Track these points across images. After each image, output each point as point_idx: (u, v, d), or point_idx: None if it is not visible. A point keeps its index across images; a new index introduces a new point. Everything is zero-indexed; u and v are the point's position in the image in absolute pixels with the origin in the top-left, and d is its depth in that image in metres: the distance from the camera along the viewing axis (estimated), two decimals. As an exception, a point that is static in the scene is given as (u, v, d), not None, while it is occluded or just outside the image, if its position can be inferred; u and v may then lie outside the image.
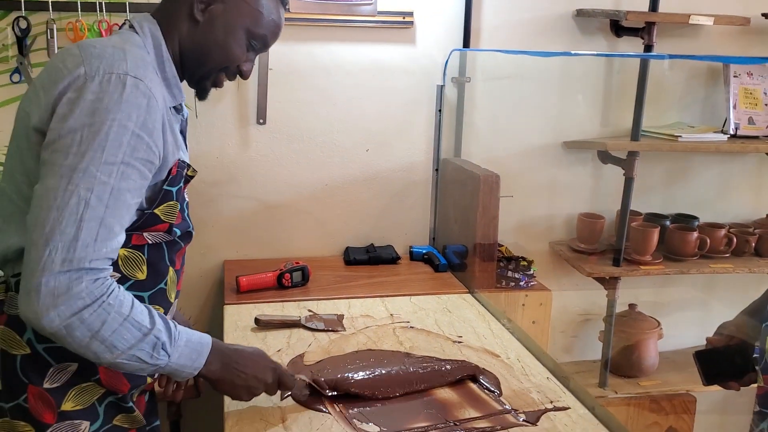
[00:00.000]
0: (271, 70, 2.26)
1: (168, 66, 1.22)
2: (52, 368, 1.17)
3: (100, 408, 1.23)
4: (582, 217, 2.59)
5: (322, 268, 2.28)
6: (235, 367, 1.27)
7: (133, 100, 1.08)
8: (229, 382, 1.27)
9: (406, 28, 2.34)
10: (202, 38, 1.24)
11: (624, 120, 2.54)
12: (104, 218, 1.04)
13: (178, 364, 1.16)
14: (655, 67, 2.47)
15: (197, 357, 1.19)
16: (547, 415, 1.42)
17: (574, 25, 2.49)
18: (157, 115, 1.12)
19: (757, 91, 2.59)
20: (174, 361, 1.15)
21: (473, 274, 2.18)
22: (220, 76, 1.30)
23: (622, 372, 2.57)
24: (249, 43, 1.27)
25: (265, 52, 1.36)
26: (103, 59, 1.10)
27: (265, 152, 2.35)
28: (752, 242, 2.61)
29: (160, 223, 1.22)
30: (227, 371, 1.26)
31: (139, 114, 1.08)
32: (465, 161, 2.40)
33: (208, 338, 1.23)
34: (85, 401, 1.21)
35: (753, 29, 2.56)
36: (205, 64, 1.27)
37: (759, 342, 1.45)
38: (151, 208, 1.19)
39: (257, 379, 1.31)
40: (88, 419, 1.21)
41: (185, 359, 1.17)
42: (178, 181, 1.23)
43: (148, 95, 1.10)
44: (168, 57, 1.23)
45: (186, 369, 1.18)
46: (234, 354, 1.29)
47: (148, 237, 1.22)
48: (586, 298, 2.72)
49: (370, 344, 1.74)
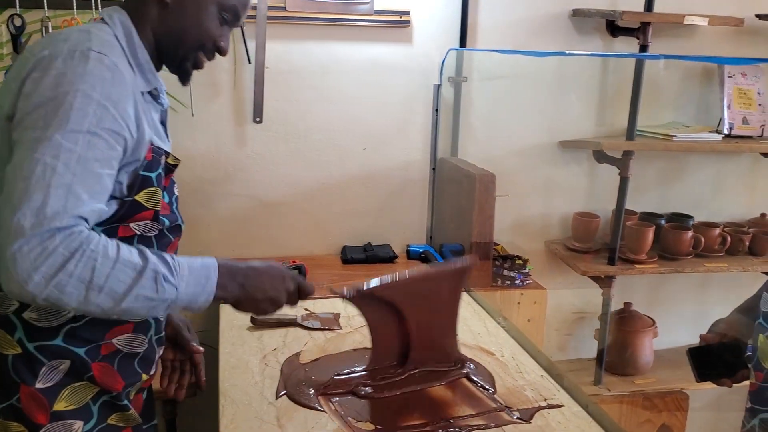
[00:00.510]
0: (267, 69, 2.27)
1: (140, 52, 1.21)
2: (44, 367, 1.16)
3: (94, 407, 1.22)
4: (577, 216, 2.60)
5: (319, 267, 2.29)
6: (253, 284, 1.21)
7: (97, 72, 1.06)
8: (251, 299, 1.22)
9: (403, 28, 2.35)
10: (174, 20, 1.23)
11: (619, 119, 2.55)
12: (72, 185, 1.01)
13: (188, 293, 1.10)
14: (651, 67, 2.48)
15: (206, 282, 1.12)
16: (541, 413, 1.43)
17: (570, 24, 2.50)
18: (124, 90, 1.10)
19: (751, 92, 2.60)
20: (183, 290, 1.09)
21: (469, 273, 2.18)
22: (199, 56, 1.28)
23: (617, 370, 2.59)
24: (221, 17, 1.25)
25: (238, 26, 1.34)
26: (68, 41, 1.09)
27: (261, 151, 2.36)
28: (746, 241, 2.62)
29: (144, 211, 1.19)
30: (245, 289, 1.20)
31: (104, 85, 1.06)
32: (461, 160, 2.40)
33: (212, 260, 1.16)
34: (78, 401, 1.20)
35: (747, 30, 2.57)
36: (181, 46, 1.25)
37: (752, 339, 1.46)
38: (131, 195, 1.16)
39: (278, 289, 1.25)
40: (82, 419, 1.20)
41: (194, 286, 1.11)
42: (156, 167, 1.20)
43: (113, 69, 1.09)
44: (140, 44, 1.21)
45: (200, 297, 1.12)
46: (248, 270, 1.22)
47: (135, 228, 1.19)
48: (581, 296, 2.73)
49: (366, 343, 1.74)
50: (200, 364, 1.46)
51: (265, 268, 1.25)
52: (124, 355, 1.24)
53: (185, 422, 2.34)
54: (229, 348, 1.70)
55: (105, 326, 1.21)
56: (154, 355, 1.33)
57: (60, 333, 1.16)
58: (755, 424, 1.41)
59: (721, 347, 1.53)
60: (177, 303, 1.09)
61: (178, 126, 2.22)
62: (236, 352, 1.68)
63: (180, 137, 2.26)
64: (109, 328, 1.21)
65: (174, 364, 1.47)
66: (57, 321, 1.16)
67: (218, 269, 1.15)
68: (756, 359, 1.42)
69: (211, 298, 1.14)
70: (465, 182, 2.20)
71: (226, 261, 1.19)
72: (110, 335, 1.21)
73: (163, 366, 1.47)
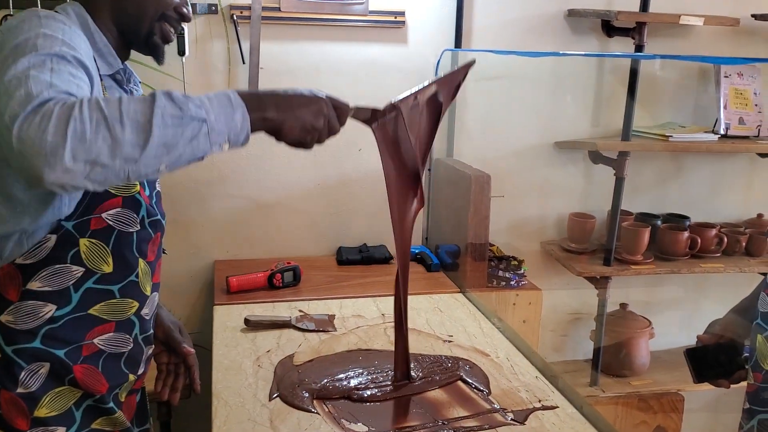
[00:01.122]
0: (262, 69, 2.26)
1: (98, 37, 1.19)
2: (23, 371, 1.14)
3: (77, 412, 1.21)
4: (573, 217, 2.59)
5: (314, 268, 2.28)
6: (291, 107, 1.08)
7: (53, 24, 1.05)
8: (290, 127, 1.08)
9: (398, 28, 2.35)
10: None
11: (615, 120, 2.54)
12: (51, 81, 0.95)
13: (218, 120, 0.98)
14: (646, 67, 2.48)
15: (229, 103, 1.00)
16: (536, 414, 1.42)
17: (566, 25, 2.50)
18: (82, 43, 1.08)
19: (747, 92, 2.59)
20: (211, 111, 0.97)
21: (465, 274, 2.18)
22: (165, 27, 1.24)
23: (613, 371, 2.58)
24: None
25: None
26: (23, 14, 1.07)
27: (256, 151, 2.35)
28: (743, 242, 2.62)
29: (112, 198, 1.16)
30: (284, 110, 1.07)
31: (64, 33, 1.04)
32: (457, 161, 2.40)
33: (225, 91, 1.03)
34: (60, 406, 1.18)
35: (743, 30, 2.57)
36: (142, 21, 1.22)
37: (749, 340, 1.46)
38: None
39: (318, 105, 1.12)
40: (64, 424, 1.19)
41: (220, 112, 0.98)
42: None
43: (66, 24, 1.07)
44: (96, 29, 1.19)
45: (236, 107, 1.00)
46: (280, 94, 1.08)
47: (107, 218, 1.16)
48: (577, 297, 2.73)
49: (360, 344, 1.74)
50: (194, 366, 1.45)
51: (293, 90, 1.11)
52: (108, 356, 1.23)
53: (179, 424, 2.33)
54: (222, 349, 1.69)
55: (85, 326, 1.19)
56: (142, 355, 1.31)
57: (38, 335, 1.15)
58: (753, 425, 1.41)
59: (719, 348, 1.53)
60: (213, 125, 0.97)
61: (172, 127, 2.21)
62: (230, 353, 1.67)
63: (174, 138, 2.24)
64: (90, 329, 1.20)
65: (168, 368, 1.46)
66: (34, 323, 1.14)
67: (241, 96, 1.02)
68: (754, 360, 1.42)
69: (248, 123, 1.01)
70: (460, 183, 2.19)
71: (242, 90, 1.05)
72: (91, 335, 1.20)
73: (158, 369, 1.46)
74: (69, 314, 1.17)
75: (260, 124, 1.04)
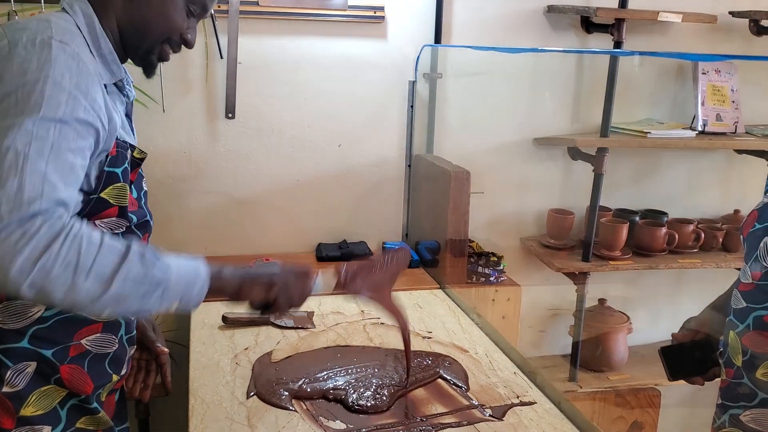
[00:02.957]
0: (240, 64, 2.24)
1: (103, 42, 1.16)
2: (9, 370, 1.14)
3: (62, 411, 1.20)
4: (552, 213, 2.60)
5: (293, 265, 2.27)
6: (248, 270, 1.17)
7: (62, 60, 1.03)
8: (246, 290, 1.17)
9: (377, 23, 2.34)
10: (138, 12, 1.18)
11: (594, 116, 2.55)
12: (46, 173, 0.96)
13: (179, 282, 1.04)
14: (625, 64, 2.49)
15: (195, 271, 1.07)
16: (514, 410, 1.42)
17: (545, 21, 2.50)
18: (91, 80, 1.07)
19: (725, 88, 2.61)
20: (174, 274, 1.03)
21: (444, 270, 2.18)
22: (165, 49, 1.24)
23: (591, 366, 2.60)
24: (188, 9, 1.21)
25: (205, 17, 1.31)
26: (27, 30, 1.05)
27: (234, 147, 2.33)
28: (720, 237, 2.64)
29: (110, 207, 1.16)
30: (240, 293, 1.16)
31: (71, 75, 1.03)
32: (437, 157, 2.40)
33: (195, 257, 1.10)
34: (46, 405, 1.17)
35: (720, 27, 2.59)
36: (146, 38, 1.21)
37: (723, 336, 1.47)
38: (96, 192, 1.13)
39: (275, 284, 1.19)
40: (50, 423, 1.18)
41: (185, 275, 1.05)
42: (122, 162, 1.17)
43: (77, 59, 1.05)
44: (102, 33, 1.16)
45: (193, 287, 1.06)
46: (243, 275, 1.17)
47: (100, 225, 1.16)
48: (555, 293, 2.74)
49: (339, 341, 1.73)
50: (166, 365, 1.44)
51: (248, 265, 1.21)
52: (94, 356, 1.22)
53: (157, 423, 2.31)
54: (199, 347, 1.68)
55: (73, 327, 1.18)
56: (125, 355, 1.31)
57: (26, 335, 1.14)
58: (725, 420, 1.42)
59: (693, 345, 1.54)
60: (170, 290, 1.03)
61: (148, 122, 2.19)
62: (207, 351, 1.66)
63: (151, 134, 2.22)
64: (78, 329, 1.19)
65: (140, 363, 1.45)
66: (22, 323, 1.13)
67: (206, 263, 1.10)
68: (727, 356, 1.43)
69: (205, 290, 1.08)
70: (440, 179, 2.19)
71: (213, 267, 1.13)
72: (78, 336, 1.19)
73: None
74: (57, 315, 1.15)
75: (218, 285, 1.13)
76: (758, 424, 1.36)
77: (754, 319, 1.35)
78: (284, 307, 1.22)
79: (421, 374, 1.55)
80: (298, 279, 1.23)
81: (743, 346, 1.37)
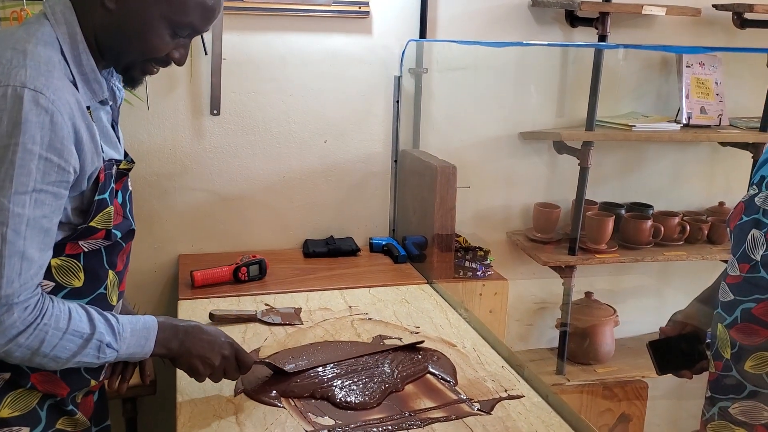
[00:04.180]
0: (225, 60, 2.23)
1: (85, 58, 1.11)
2: None
3: (42, 412, 1.19)
4: (538, 207, 2.61)
5: (280, 261, 2.26)
6: (191, 340, 1.28)
7: (34, 118, 0.98)
8: (186, 355, 1.28)
9: (362, 18, 2.33)
10: (116, 29, 1.10)
11: (579, 110, 2.56)
12: (25, 251, 1.02)
13: (128, 353, 1.18)
14: (610, 58, 2.49)
15: (145, 342, 1.21)
16: (502, 404, 1.43)
17: (530, 15, 2.50)
18: (65, 131, 1.02)
19: (709, 81, 2.63)
20: (123, 352, 1.17)
21: (432, 265, 2.18)
22: (148, 66, 1.17)
23: (578, 359, 2.61)
24: (173, 32, 1.12)
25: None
26: (4, 66, 1.00)
27: (219, 143, 2.32)
28: (705, 230, 2.66)
29: (97, 232, 1.16)
30: (183, 345, 1.27)
31: (43, 134, 0.99)
32: (423, 152, 2.39)
33: (152, 322, 1.23)
34: (23, 407, 1.16)
35: (704, 20, 2.60)
36: (124, 56, 1.14)
37: (711, 328, 1.47)
38: (86, 222, 1.13)
39: (213, 350, 1.30)
40: (29, 425, 1.16)
41: (134, 347, 1.19)
42: (108, 184, 1.16)
43: (51, 110, 1.00)
44: (84, 47, 1.10)
45: (137, 355, 1.21)
46: (192, 329, 1.29)
47: (84, 245, 1.16)
48: (542, 286, 2.75)
49: (327, 337, 1.73)
50: (145, 360, 1.42)
51: (210, 331, 1.33)
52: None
53: (145, 421, 2.30)
54: (186, 345, 1.67)
55: None
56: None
57: None
58: (714, 413, 1.43)
59: (681, 339, 1.54)
60: (114, 361, 1.19)
61: (133, 120, 2.17)
62: (194, 349, 1.64)
63: (135, 131, 2.20)
64: None
65: None
66: None
67: (158, 329, 1.23)
68: (715, 349, 1.43)
69: (148, 356, 1.23)
70: (426, 174, 2.19)
71: (170, 321, 1.27)
72: None
73: None
74: None
75: (158, 354, 1.26)
76: (747, 416, 1.36)
77: (742, 311, 1.36)
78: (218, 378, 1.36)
79: (411, 369, 1.55)
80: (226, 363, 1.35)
81: (731, 339, 1.37)
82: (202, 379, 1.32)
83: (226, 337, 1.35)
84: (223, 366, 1.33)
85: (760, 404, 1.35)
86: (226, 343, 1.34)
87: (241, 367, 1.36)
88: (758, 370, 1.33)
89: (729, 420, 1.40)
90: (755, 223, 1.35)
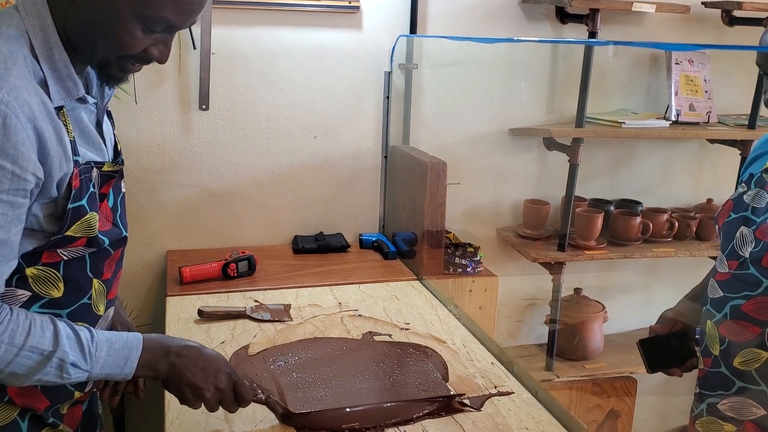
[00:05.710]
0: (213, 55, 2.22)
1: (57, 53, 1.02)
2: None
3: (23, 423, 1.14)
4: (528, 204, 2.61)
5: (269, 258, 2.25)
6: (183, 366, 1.15)
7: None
8: (175, 381, 1.16)
9: (352, 13, 2.32)
10: (83, 23, 1.01)
11: (569, 107, 2.56)
12: None
13: (102, 373, 1.08)
14: (600, 54, 2.49)
15: (125, 363, 1.09)
16: (492, 400, 1.43)
17: (520, 11, 2.50)
18: (21, 134, 0.94)
19: (698, 78, 2.64)
20: (97, 372, 1.07)
21: (422, 261, 2.18)
22: (125, 64, 1.07)
23: (567, 355, 2.61)
24: (144, 27, 1.01)
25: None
26: None
27: (208, 139, 2.30)
28: (693, 226, 2.67)
29: (77, 240, 1.08)
30: (172, 371, 1.15)
31: (7, 140, 0.92)
32: (413, 148, 2.39)
33: (136, 340, 1.11)
34: (3, 418, 1.11)
35: (693, 17, 2.61)
36: (94, 54, 1.04)
37: (700, 325, 1.48)
38: (61, 232, 1.05)
39: (207, 378, 1.17)
40: None
41: (110, 368, 1.08)
42: (86, 190, 1.07)
43: (4, 112, 0.92)
44: (57, 41, 1.02)
45: (115, 376, 1.10)
46: (184, 351, 1.16)
47: (63, 254, 1.09)
48: (532, 283, 2.75)
49: (317, 333, 1.72)
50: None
51: (209, 357, 1.19)
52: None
53: (133, 418, 2.29)
54: (175, 341, 1.66)
55: None
56: None
57: None
58: (703, 409, 1.44)
59: (671, 337, 1.55)
60: (88, 380, 1.10)
61: (120, 114, 2.15)
62: (182, 345, 1.63)
63: (123, 126, 2.19)
64: None
65: None
66: None
67: (143, 348, 1.11)
68: (704, 346, 1.44)
69: (129, 377, 1.12)
70: (416, 170, 2.19)
71: (161, 339, 1.16)
72: None
73: None
74: None
75: (144, 377, 1.17)
76: (736, 412, 1.37)
77: (731, 308, 1.36)
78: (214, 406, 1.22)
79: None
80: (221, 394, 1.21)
81: (720, 336, 1.38)
82: (193, 407, 1.20)
83: (226, 366, 1.21)
84: (218, 398, 1.20)
85: (749, 400, 1.36)
86: (224, 374, 1.20)
87: (240, 401, 1.23)
88: (747, 366, 1.34)
89: (718, 416, 1.41)
90: (744, 221, 1.35)
